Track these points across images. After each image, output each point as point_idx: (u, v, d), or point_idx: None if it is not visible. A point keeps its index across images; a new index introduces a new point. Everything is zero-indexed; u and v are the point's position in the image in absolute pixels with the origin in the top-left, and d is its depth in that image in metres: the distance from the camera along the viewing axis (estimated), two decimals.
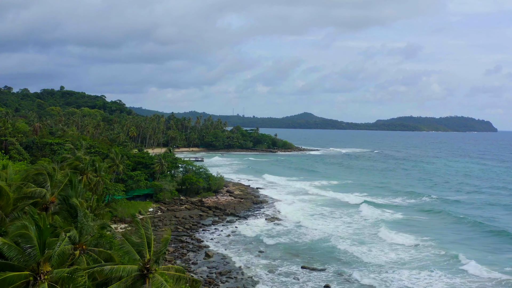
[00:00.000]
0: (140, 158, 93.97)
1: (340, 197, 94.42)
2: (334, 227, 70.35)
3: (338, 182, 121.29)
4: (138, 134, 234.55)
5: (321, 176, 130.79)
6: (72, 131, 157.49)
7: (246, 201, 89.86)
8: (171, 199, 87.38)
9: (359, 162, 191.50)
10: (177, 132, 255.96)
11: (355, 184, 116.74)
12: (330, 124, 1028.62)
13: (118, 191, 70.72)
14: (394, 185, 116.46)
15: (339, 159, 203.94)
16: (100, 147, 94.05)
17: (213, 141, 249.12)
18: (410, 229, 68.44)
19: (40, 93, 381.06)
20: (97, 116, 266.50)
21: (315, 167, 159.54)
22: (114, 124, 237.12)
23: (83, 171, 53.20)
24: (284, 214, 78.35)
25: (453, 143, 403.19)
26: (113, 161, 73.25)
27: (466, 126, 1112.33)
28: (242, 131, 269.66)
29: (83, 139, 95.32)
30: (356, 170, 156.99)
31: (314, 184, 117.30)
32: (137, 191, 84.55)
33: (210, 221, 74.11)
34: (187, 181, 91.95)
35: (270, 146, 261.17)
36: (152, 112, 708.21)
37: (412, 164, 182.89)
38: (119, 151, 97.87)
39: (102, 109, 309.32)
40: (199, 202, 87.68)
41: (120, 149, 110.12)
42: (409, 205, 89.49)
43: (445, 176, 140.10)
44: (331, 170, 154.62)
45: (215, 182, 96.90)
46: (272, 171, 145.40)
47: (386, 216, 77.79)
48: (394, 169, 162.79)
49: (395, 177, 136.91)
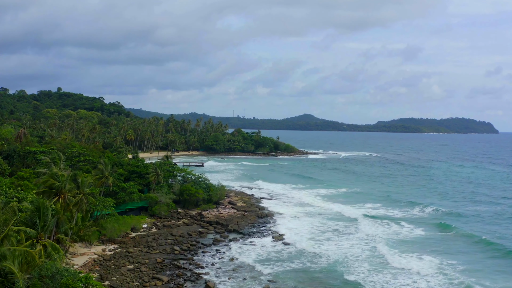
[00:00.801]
0: (134, 167, 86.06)
1: (346, 211, 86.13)
2: (348, 246, 62.59)
3: (344, 191, 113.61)
4: (136, 137, 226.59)
5: (326, 185, 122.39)
6: (65, 135, 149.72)
7: (250, 214, 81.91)
8: (167, 212, 79.47)
9: (361, 167, 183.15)
10: (176, 135, 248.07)
11: (361, 194, 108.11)
12: (331, 126, 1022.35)
13: (107, 207, 62.80)
14: (402, 195, 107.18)
15: (342, 164, 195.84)
16: (91, 154, 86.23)
17: (214, 145, 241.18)
18: (426, 250, 60.91)
19: (37, 95, 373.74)
20: (94, 118, 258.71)
21: (318, 174, 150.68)
22: (111, 127, 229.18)
23: (60, 191, 45.23)
24: (292, 232, 70.39)
25: (455, 146, 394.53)
26: (102, 173, 65.34)
27: (467, 128, 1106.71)
28: (243, 134, 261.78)
29: (72, 146, 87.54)
30: (359, 176, 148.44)
31: (320, 193, 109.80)
32: (130, 204, 76.66)
33: (210, 239, 66.18)
34: (186, 192, 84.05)
35: (272, 149, 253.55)
36: (152, 113, 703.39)
37: (416, 169, 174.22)
38: (111, 159, 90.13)
39: (100, 111, 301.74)
40: (199, 216, 79.79)
41: (114, 156, 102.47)
42: (419, 219, 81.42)
43: (452, 184, 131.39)
44: (334, 177, 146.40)
45: (216, 193, 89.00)
46: (275, 178, 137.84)
47: (396, 234, 70.12)
48: (398, 175, 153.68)
49: (400, 185, 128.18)
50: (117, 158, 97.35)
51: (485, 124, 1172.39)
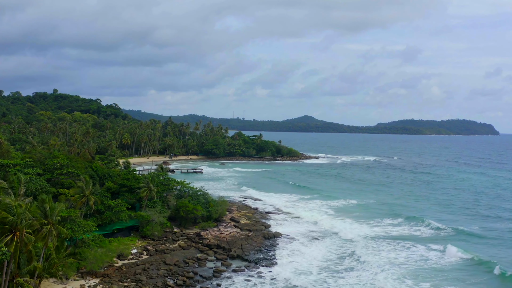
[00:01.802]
0: (124, 180, 76.33)
1: (357, 231, 76.24)
2: (369, 277, 52.94)
3: (354, 203, 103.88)
4: (133, 141, 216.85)
5: (331, 197, 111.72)
6: (54, 141, 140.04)
7: (255, 235, 72.11)
8: (161, 232, 69.73)
9: (366, 175, 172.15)
10: (174, 139, 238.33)
11: (371, 209, 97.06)
12: (331, 128, 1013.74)
13: (88, 232, 53.09)
14: (411, 210, 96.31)
15: (345, 170, 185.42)
16: (76, 166, 76.50)
17: (213, 149, 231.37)
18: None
19: (32, 97, 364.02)
20: (89, 121, 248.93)
21: (322, 184, 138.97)
22: (106, 131, 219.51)
23: (14, 227, 35.40)
24: (304, 260, 60.70)
25: (457, 149, 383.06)
26: (82, 191, 55.60)
27: (468, 129, 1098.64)
28: (244, 137, 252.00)
29: (54, 156, 77.83)
30: (366, 185, 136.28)
31: (327, 205, 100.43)
32: (118, 224, 66.98)
33: (211, 269, 56.37)
34: (182, 209, 74.23)
35: (274, 153, 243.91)
36: (151, 115, 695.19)
37: (419, 176, 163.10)
38: (99, 170, 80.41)
39: (96, 114, 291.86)
40: (197, 237, 70.08)
41: (104, 166, 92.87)
42: (429, 239, 71.55)
43: (459, 194, 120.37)
44: (338, 186, 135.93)
45: (217, 209, 79.24)
46: (279, 188, 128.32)
47: (420, 262, 60.43)
48: (401, 184, 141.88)
49: (404, 195, 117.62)
50: (106, 169, 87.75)
51: (486, 126, 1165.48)
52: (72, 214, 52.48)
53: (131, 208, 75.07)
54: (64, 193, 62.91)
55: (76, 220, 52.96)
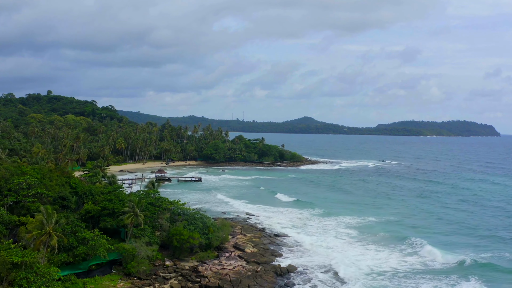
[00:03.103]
0: (105, 201, 63.45)
1: (384, 261, 64.23)
2: None
3: (374, 220, 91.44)
4: (127, 146, 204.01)
5: (350, 213, 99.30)
6: (37, 148, 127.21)
7: (264, 269, 59.22)
8: (150, 267, 56.90)
9: (379, 185, 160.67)
10: (171, 143, 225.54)
11: (394, 229, 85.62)
12: (331, 129, 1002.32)
13: (49, 281, 40.29)
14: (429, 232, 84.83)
15: (355, 177, 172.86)
16: (49, 184, 63.67)
17: (213, 154, 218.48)
18: None
19: (25, 99, 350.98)
20: (82, 124, 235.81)
21: (334, 196, 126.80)
22: (100, 135, 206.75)
23: None
24: None
25: (461, 152, 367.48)
26: (42, 227, 42.84)
27: (469, 131, 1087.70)
28: (245, 141, 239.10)
29: (23, 173, 64.91)
30: (382, 199, 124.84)
31: (347, 224, 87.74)
32: (96, 259, 54.19)
33: None
34: (176, 238, 61.34)
35: (277, 158, 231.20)
36: (150, 116, 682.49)
37: (427, 187, 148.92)
38: (79, 188, 67.64)
39: (91, 116, 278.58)
40: (194, 273, 57.26)
41: (84, 182, 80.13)
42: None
43: (483, 208, 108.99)
44: (351, 197, 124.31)
45: (217, 235, 66.35)
46: (287, 202, 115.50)
47: None
48: (420, 195, 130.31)
49: (418, 211, 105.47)
50: (88, 185, 74.95)
51: (487, 127, 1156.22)
52: (27, 259, 39.72)
53: (114, 233, 62.40)
54: (26, 223, 50.14)
55: (34, 267, 40.15)
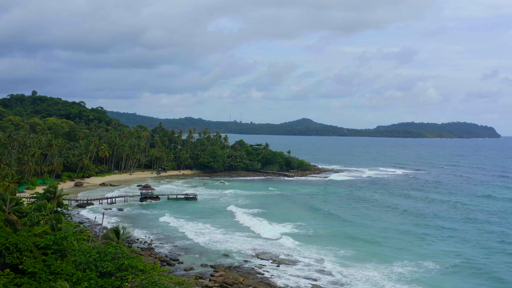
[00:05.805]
0: (30, 270, 36.95)
1: None
2: None
3: None
4: (112, 153, 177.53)
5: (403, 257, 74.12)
6: None
7: None
8: None
9: (420, 205, 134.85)
10: (163, 150, 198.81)
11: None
12: (330, 131, 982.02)
13: None
14: None
15: (381, 194, 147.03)
16: None
17: (211, 162, 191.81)
18: None
19: (8, 99, 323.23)
20: (63, 128, 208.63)
21: (382, 223, 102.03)
22: (80, 141, 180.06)
23: None
24: None
25: (472, 158, 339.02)
26: None
27: (470, 132, 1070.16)
28: (247, 147, 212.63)
29: None
30: (433, 233, 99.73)
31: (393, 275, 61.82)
32: None
33: None
34: None
35: (283, 166, 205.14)
36: (146, 118, 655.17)
37: (482, 204, 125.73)
38: (20, 243, 41.52)
39: (77, 118, 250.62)
40: None
41: (27, 217, 54.20)
42: None
43: None
44: (384, 227, 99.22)
45: None
46: (312, 230, 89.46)
47: None
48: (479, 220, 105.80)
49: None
50: (25, 236, 48.44)
51: (487, 129, 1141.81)
52: None
53: None
54: None
55: None
